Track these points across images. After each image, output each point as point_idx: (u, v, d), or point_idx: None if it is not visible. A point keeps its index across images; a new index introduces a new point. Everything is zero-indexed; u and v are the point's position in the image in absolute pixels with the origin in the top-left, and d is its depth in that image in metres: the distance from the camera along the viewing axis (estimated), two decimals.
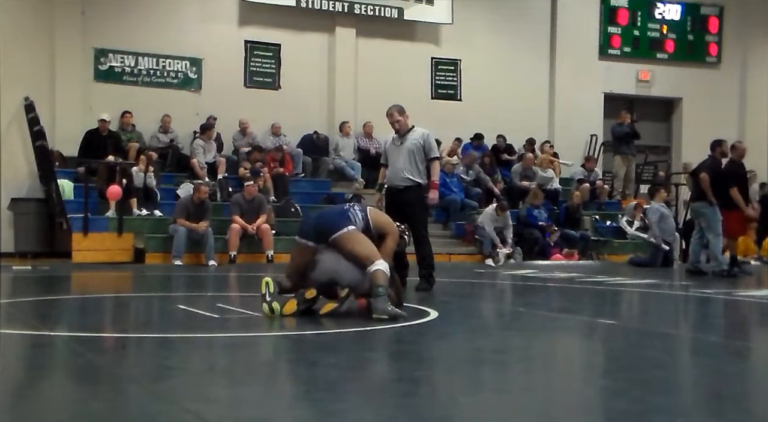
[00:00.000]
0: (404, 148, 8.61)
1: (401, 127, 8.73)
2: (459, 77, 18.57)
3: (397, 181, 8.59)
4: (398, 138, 8.74)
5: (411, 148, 8.61)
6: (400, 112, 8.78)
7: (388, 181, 8.72)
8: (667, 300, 8.77)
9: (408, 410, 3.43)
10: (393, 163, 8.66)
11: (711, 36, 20.66)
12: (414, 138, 8.69)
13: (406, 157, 8.58)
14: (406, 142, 8.65)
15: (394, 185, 8.62)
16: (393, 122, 8.77)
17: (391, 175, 8.68)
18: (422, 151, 8.65)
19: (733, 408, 3.63)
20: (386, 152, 8.88)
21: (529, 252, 15.36)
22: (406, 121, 8.77)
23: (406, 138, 8.68)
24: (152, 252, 13.44)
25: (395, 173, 8.62)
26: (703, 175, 11.64)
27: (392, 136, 8.91)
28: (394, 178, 8.62)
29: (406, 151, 8.59)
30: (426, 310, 6.44)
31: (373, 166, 17.14)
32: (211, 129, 15.58)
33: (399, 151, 8.64)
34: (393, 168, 8.65)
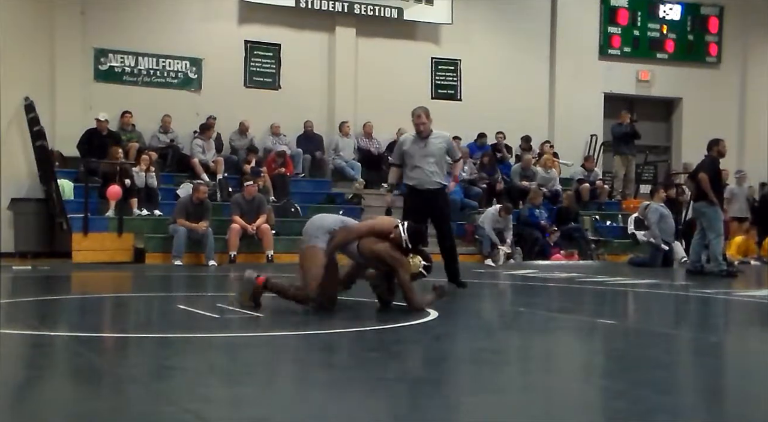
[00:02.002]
0: (429, 150, 8.71)
1: (425, 129, 8.76)
2: (459, 77, 18.57)
3: (427, 184, 8.72)
4: (420, 140, 8.78)
5: (436, 151, 8.74)
6: (427, 115, 8.81)
7: (417, 183, 8.76)
8: (667, 300, 8.77)
9: (408, 410, 3.43)
10: (419, 165, 8.72)
11: (711, 36, 20.66)
12: (438, 141, 8.81)
13: (433, 159, 8.72)
14: (430, 145, 8.73)
15: (423, 188, 8.73)
16: (419, 123, 8.76)
17: (418, 178, 8.75)
18: (446, 154, 8.88)
19: (733, 408, 3.63)
20: (405, 153, 8.85)
21: (529, 252, 15.35)
22: (429, 124, 8.82)
23: (429, 141, 8.75)
24: (152, 252, 13.43)
25: (424, 176, 8.72)
26: (702, 175, 11.63)
27: (410, 136, 8.93)
28: (424, 181, 8.73)
29: (432, 154, 8.71)
30: (426, 310, 6.44)
31: (372, 166, 17.18)
32: (210, 129, 15.58)
33: (424, 154, 8.72)
34: (420, 170, 8.73)
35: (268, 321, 6.38)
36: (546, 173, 17.19)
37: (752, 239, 16.80)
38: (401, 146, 8.98)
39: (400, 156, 8.94)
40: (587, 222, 16.79)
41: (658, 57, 20.22)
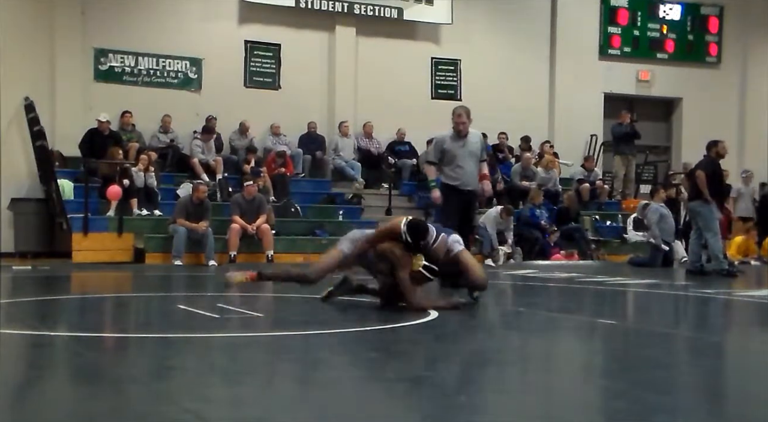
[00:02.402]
0: (469, 150, 8.74)
1: (465, 129, 8.77)
2: (459, 77, 18.57)
3: (469, 185, 8.77)
4: (458, 139, 8.76)
5: (475, 151, 8.78)
6: (468, 115, 8.82)
7: (460, 183, 8.74)
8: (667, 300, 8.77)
9: (408, 410, 3.43)
10: (462, 165, 8.71)
11: (711, 36, 20.66)
12: (475, 141, 8.84)
13: (473, 159, 8.77)
14: (469, 145, 8.75)
15: (465, 188, 8.75)
16: (459, 123, 8.75)
17: (462, 178, 8.74)
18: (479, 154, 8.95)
19: (733, 408, 3.63)
20: (444, 151, 8.81)
21: (529, 252, 15.35)
22: (469, 124, 8.85)
23: (467, 141, 8.76)
24: (152, 252, 13.43)
25: (468, 175, 8.74)
26: (698, 173, 11.64)
27: (448, 135, 8.89)
28: (468, 181, 8.76)
29: (471, 154, 8.75)
30: (425, 310, 6.43)
31: (373, 165, 17.18)
32: (212, 131, 15.58)
33: (464, 153, 8.72)
34: (463, 170, 8.72)
35: (268, 321, 6.38)
36: (546, 173, 17.19)
37: (752, 239, 16.80)
38: (441, 144, 8.89)
39: (440, 154, 8.85)
40: (587, 223, 16.78)
41: (658, 57, 20.22)
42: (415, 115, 17.68)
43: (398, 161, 17.28)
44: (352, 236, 6.90)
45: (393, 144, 17.58)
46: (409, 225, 6.46)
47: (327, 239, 13.63)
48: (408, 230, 6.43)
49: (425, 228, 6.64)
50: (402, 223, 6.48)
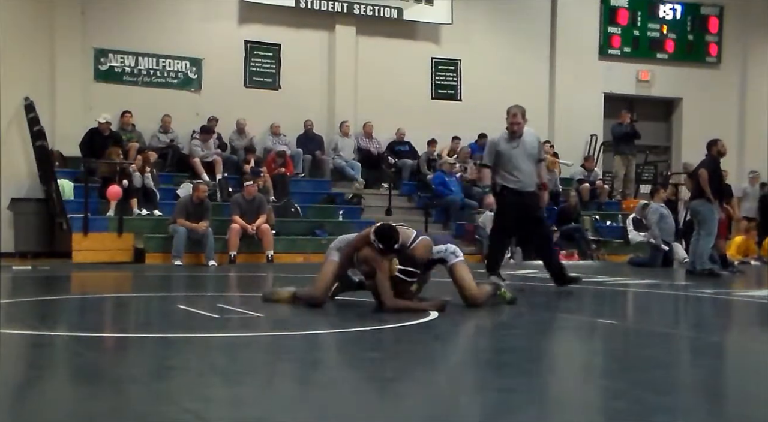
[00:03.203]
0: (524, 151, 8.51)
1: (519, 129, 8.56)
2: (459, 77, 18.58)
3: (529, 186, 8.53)
4: (513, 139, 8.54)
5: (531, 151, 8.56)
6: (523, 114, 8.62)
7: (520, 185, 8.51)
8: (667, 300, 8.76)
9: (408, 410, 3.43)
10: (519, 167, 8.48)
11: (711, 36, 20.66)
12: (531, 140, 8.62)
13: (528, 160, 8.53)
14: (524, 145, 8.52)
15: (525, 190, 8.51)
16: (514, 123, 8.55)
17: (521, 180, 8.50)
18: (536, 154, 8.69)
19: (733, 408, 3.63)
20: (498, 154, 8.57)
21: (529, 252, 15.34)
22: (524, 124, 8.65)
23: (522, 141, 8.53)
24: (152, 252, 13.43)
25: (526, 177, 8.50)
26: (701, 171, 11.63)
27: (501, 136, 8.69)
28: (527, 183, 8.52)
29: (527, 155, 8.52)
30: (426, 310, 6.43)
31: (373, 165, 17.18)
32: (211, 131, 15.57)
33: (520, 154, 8.49)
34: (521, 172, 8.48)
35: (268, 321, 6.38)
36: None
37: (752, 239, 16.80)
38: (495, 146, 8.65)
39: (494, 157, 8.61)
40: (587, 223, 16.78)
41: (658, 57, 20.22)
42: (415, 115, 17.68)
43: (398, 161, 17.28)
44: (337, 244, 6.95)
45: (393, 144, 17.58)
46: (376, 231, 6.55)
47: (327, 239, 13.60)
48: (375, 235, 6.52)
49: (389, 233, 6.57)
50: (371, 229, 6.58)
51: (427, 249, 6.73)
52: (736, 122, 20.69)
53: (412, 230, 6.82)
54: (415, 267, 6.54)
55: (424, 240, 6.76)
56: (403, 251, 6.57)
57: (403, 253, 6.55)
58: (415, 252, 6.62)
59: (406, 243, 6.62)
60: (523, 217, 8.52)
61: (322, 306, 6.71)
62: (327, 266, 6.87)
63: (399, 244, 6.55)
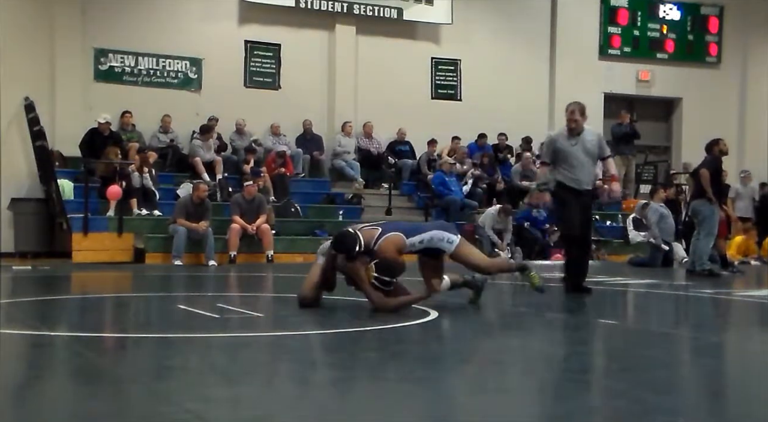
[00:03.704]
0: (583, 149, 8.32)
1: (577, 126, 8.35)
2: (459, 77, 18.58)
3: (587, 184, 8.40)
4: (572, 137, 8.36)
5: (591, 149, 8.36)
6: (582, 111, 8.39)
7: (578, 184, 8.33)
8: (667, 300, 8.77)
9: (408, 410, 3.42)
10: (578, 165, 8.30)
11: (711, 36, 20.67)
12: (590, 139, 8.42)
13: (587, 158, 8.36)
14: (584, 143, 8.34)
15: (583, 188, 8.36)
16: (571, 120, 8.35)
17: (580, 177, 8.33)
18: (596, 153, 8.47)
19: (733, 408, 3.63)
20: (557, 151, 8.39)
21: (529, 252, 15.35)
22: (583, 121, 8.41)
23: (582, 139, 8.34)
24: (152, 252, 13.43)
25: (584, 175, 8.35)
26: (703, 171, 11.62)
27: (559, 133, 8.55)
28: (585, 181, 8.37)
29: (586, 152, 8.34)
30: (426, 310, 6.44)
31: (373, 166, 17.18)
32: (211, 130, 15.56)
33: (578, 152, 8.31)
34: (580, 170, 8.32)
35: (268, 321, 6.38)
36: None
37: (752, 239, 16.80)
38: (553, 143, 8.50)
39: (552, 154, 8.45)
40: None
41: (658, 57, 20.23)
42: (415, 115, 17.69)
43: (398, 161, 17.28)
44: (322, 250, 6.98)
45: (393, 144, 17.59)
46: (332, 243, 6.60)
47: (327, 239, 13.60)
48: (332, 247, 6.57)
49: (341, 240, 6.52)
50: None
51: (394, 244, 6.50)
52: (736, 122, 20.69)
53: (377, 228, 6.63)
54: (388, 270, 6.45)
55: (390, 236, 6.53)
56: (370, 252, 6.48)
57: (372, 254, 6.48)
58: (380, 250, 6.46)
59: (370, 243, 6.47)
60: (582, 215, 8.41)
61: (310, 306, 6.67)
62: (313, 269, 6.89)
63: (362, 247, 6.43)
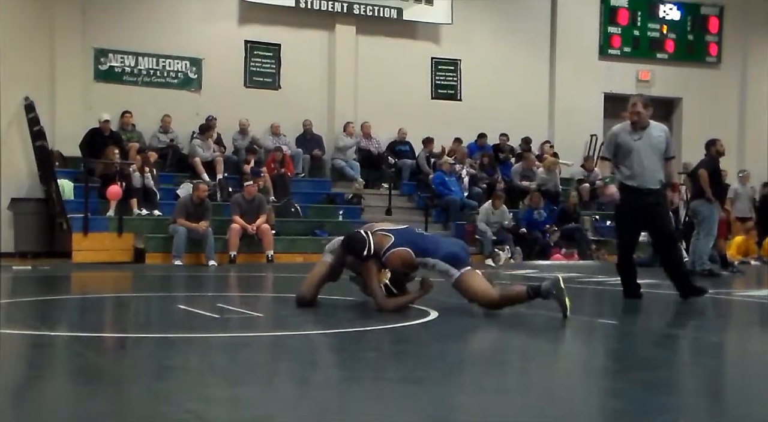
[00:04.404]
0: (648, 144, 7.69)
1: (640, 119, 7.72)
2: (459, 77, 18.58)
3: (650, 184, 7.69)
4: (635, 131, 7.73)
5: (657, 145, 7.73)
6: (645, 104, 7.80)
7: (639, 182, 7.69)
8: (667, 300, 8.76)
9: (408, 410, 3.42)
10: (639, 162, 7.67)
11: (711, 36, 20.67)
12: (657, 134, 7.78)
13: (653, 155, 7.71)
14: (649, 138, 7.71)
15: (645, 187, 7.68)
16: (633, 112, 7.73)
17: (640, 176, 7.68)
18: (665, 149, 7.83)
19: (733, 408, 3.63)
20: (618, 146, 7.78)
21: (529, 252, 15.36)
22: (647, 115, 7.78)
23: (647, 133, 7.72)
24: (152, 252, 13.43)
25: (646, 173, 7.67)
26: (701, 171, 11.64)
27: (622, 127, 7.89)
28: (647, 179, 7.69)
29: (652, 149, 7.70)
30: (426, 310, 6.44)
31: (373, 166, 17.18)
32: (210, 129, 15.56)
33: (642, 148, 7.68)
34: (641, 167, 7.67)
35: (268, 321, 6.38)
36: (547, 174, 17.19)
37: (752, 239, 16.79)
38: (614, 138, 7.87)
39: (613, 149, 7.85)
40: (587, 222, 16.78)
41: (658, 57, 20.23)
42: (415, 115, 17.69)
43: (398, 161, 17.28)
44: (330, 247, 6.97)
45: (393, 144, 17.59)
46: (343, 243, 6.62)
47: (327, 239, 13.59)
48: (343, 248, 6.60)
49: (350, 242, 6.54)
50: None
51: (402, 259, 6.49)
52: (736, 122, 20.69)
53: (390, 236, 6.53)
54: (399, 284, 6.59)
55: (398, 251, 6.47)
56: (379, 258, 6.49)
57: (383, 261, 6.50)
58: (387, 261, 6.50)
59: (380, 250, 6.48)
60: (643, 218, 7.74)
61: (308, 305, 6.68)
62: (317, 267, 6.88)
63: (371, 250, 6.43)
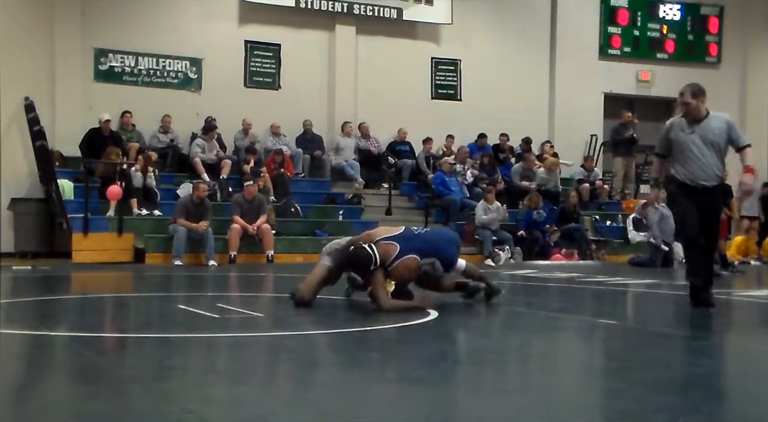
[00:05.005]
0: (703, 138, 7.04)
1: (691, 110, 7.12)
2: (459, 77, 18.57)
3: (703, 180, 7.04)
4: (690, 124, 7.12)
5: (714, 139, 7.04)
6: (694, 94, 7.19)
7: (690, 179, 7.06)
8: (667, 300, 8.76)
9: (408, 410, 3.43)
10: (692, 157, 7.04)
11: (711, 36, 20.66)
12: (716, 126, 7.11)
13: (711, 150, 7.04)
14: (705, 131, 7.06)
15: (698, 184, 7.03)
16: (683, 103, 7.20)
17: (692, 172, 7.05)
18: (725, 142, 7.16)
19: (734, 408, 3.63)
20: (670, 141, 7.18)
21: (529, 252, 15.36)
22: (700, 105, 7.15)
23: (702, 127, 7.08)
24: (152, 252, 13.43)
25: (702, 169, 7.03)
26: None
27: (675, 121, 7.29)
28: (704, 176, 7.04)
29: (707, 143, 7.04)
30: (426, 310, 6.44)
31: (373, 166, 17.17)
32: (213, 130, 15.54)
33: (696, 141, 7.03)
34: (694, 163, 7.03)
35: (268, 321, 6.39)
36: (548, 174, 17.19)
37: (752, 239, 16.80)
38: (667, 132, 7.28)
39: (666, 144, 7.24)
40: (587, 223, 16.78)
41: (658, 57, 20.22)
42: (415, 115, 17.69)
43: (398, 161, 17.28)
44: (329, 249, 7.01)
45: (393, 144, 17.58)
46: (349, 258, 6.58)
47: (327, 239, 13.59)
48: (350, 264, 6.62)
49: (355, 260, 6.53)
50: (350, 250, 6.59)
51: (408, 269, 6.57)
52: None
53: (395, 245, 6.56)
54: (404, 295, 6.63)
55: (405, 262, 6.53)
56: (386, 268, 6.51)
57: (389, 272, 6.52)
58: (394, 272, 6.53)
59: (387, 260, 6.51)
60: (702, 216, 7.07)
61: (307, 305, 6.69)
62: (317, 269, 6.90)
63: (377, 263, 6.47)
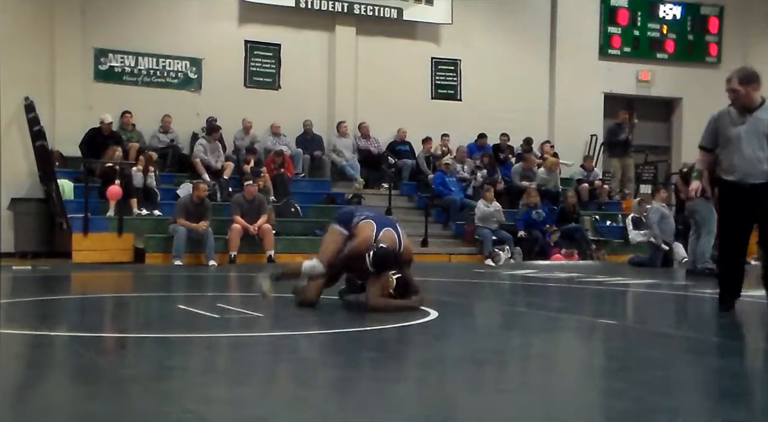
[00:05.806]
0: (754, 130, 6.35)
1: (737, 98, 6.38)
2: (459, 77, 18.57)
3: (753, 177, 6.38)
4: (740, 115, 6.40)
5: (765, 130, 6.35)
6: (743, 80, 6.36)
7: (739, 176, 6.43)
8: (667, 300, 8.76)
9: (408, 410, 3.43)
10: (740, 151, 6.37)
11: (711, 36, 20.66)
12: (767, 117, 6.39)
13: (759, 143, 6.35)
14: (755, 123, 6.36)
15: (747, 182, 6.39)
16: (730, 90, 6.39)
17: (740, 168, 6.40)
18: None
19: (733, 408, 3.63)
20: (717, 133, 6.54)
21: (529, 252, 15.36)
22: (751, 93, 6.36)
23: (754, 117, 6.37)
24: (152, 252, 13.43)
25: (748, 165, 6.36)
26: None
27: (725, 111, 6.57)
28: (749, 172, 6.38)
29: (758, 136, 6.34)
30: (426, 310, 6.44)
31: (372, 165, 17.18)
32: (216, 131, 15.53)
33: (745, 134, 6.36)
34: (742, 158, 6.37)
35: (268, 321, 6.38)
36: (548, 174, 17.18)
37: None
38: (713, 123, 6.60)
39: (713, 137, 6.59)
40: (587, 222, 16.78)
41: (658, 57, 20.21)
42: (415, 115, 17.69)
43: (398, 161, 17.28)
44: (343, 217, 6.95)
45: (393, 144, 17.58)
46: (376, 260, 6.47)
47: None
48: (374, 263, 6.48)
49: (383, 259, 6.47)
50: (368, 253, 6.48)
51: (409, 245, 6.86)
52: None
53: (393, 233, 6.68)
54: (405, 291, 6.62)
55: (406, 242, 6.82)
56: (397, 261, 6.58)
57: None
58: (403, 255, 6.64)
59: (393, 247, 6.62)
60: (749, 217, 6.55)
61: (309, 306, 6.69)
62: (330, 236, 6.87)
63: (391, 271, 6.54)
